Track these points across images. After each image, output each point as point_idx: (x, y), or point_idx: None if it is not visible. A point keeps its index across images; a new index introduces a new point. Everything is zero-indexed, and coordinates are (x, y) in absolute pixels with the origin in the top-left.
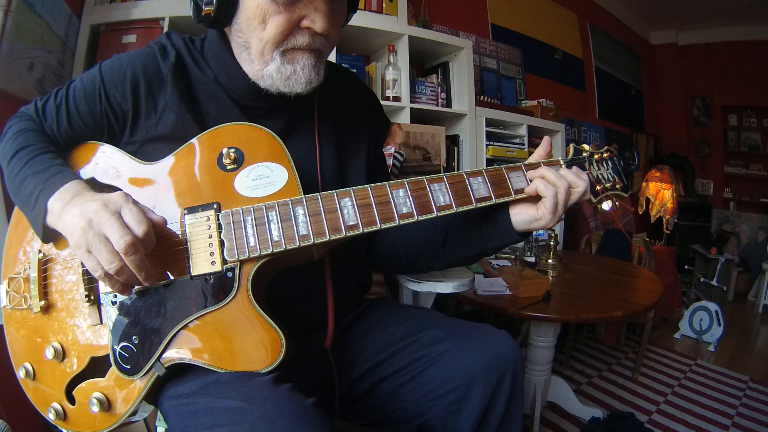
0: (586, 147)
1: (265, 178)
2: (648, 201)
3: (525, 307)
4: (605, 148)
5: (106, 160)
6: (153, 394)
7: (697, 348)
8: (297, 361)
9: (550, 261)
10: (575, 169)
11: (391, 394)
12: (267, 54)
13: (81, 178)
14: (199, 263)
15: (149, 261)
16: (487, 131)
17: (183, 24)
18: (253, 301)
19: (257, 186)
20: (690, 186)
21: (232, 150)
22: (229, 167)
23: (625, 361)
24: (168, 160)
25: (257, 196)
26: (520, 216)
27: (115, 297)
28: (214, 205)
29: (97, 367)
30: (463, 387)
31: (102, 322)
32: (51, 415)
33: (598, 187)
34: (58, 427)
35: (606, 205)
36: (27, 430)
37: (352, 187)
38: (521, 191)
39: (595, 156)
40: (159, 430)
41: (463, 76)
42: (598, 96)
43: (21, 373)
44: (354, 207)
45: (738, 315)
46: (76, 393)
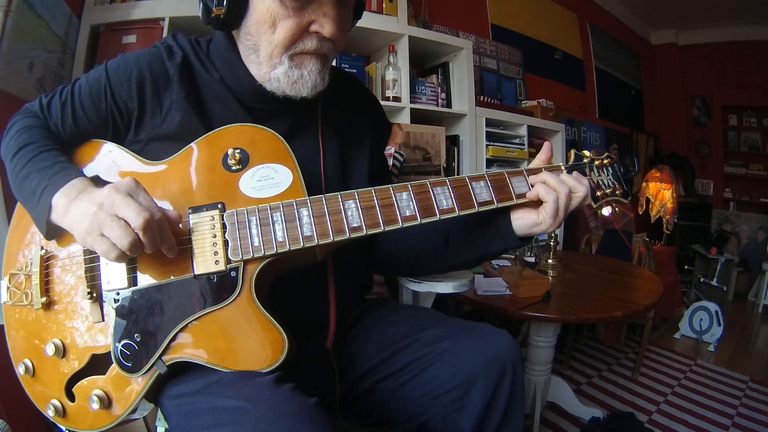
0: (587, 153)
1: (270, 179)
2: (648, 201)
3: (525, 307)
4: (605, 154)
5: (110, 159)
6: (154, 392)
7: (697, 348)
8: (298, 362)
9: (550, 261)
10: (576, 174)
11: (392, 393)
12: (275, 57)
13: (85, 176)
14: (203, 262)
15: (151, 260)
16: (487, 131)
17: (183, 24)
18: (256, 301)
19: (262, 187)
20: (690, 186)
21: (237, 151)
22: (234, 168)
23: (625, 361)
24: (173, 159)
25: (262, 196)
26: (521, 221)
27: (117, 294)
28: (219, 205)
29: (97, 364)
30: (464, 385)
31: (104, 320)
32: (50, 412)
33: (599, 193)
34: (57, 424)
35: (606, 210)
36: (27, 430)
37: (356, 190)
38: (523, 195)
39: (596, 162)
40: (159, 430)
41: (463, 77)
42: (598, 96)
43: (20, 369)
44: (358, 209)
45: (738, 315)
46: (76, 390)
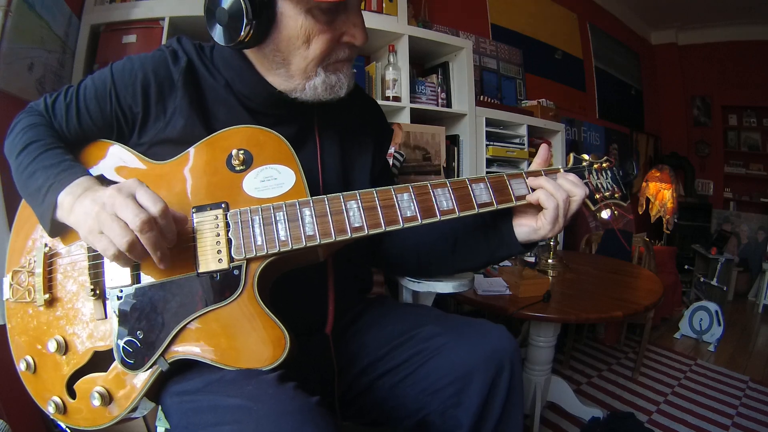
0: (586, 157)
1: (273, 179)
2: (648, 201)
3: (525, 307)
4: (605, 158)
5: (116, 158)
6: (155, 390)
7: (697, 348)
8: (298, 361)
9: (550, 261)
10: (572, 176)
11: (390, 390)
12: (311, 71)
13: (91, 175)
14: (207, 261)
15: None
16: (487, 131)
17: (183, 24)
18: (258, 300)
19: (265, 187)
20: (690, 186)
21: (241, 151)
22: (237, 168)
23: (625, 361)
24: (177, 159)
25: (265, 197)
26: (522, 228)
27: (121, 292)
28: (223, 205)
29: (99, 361)
30: (462, 380)
31: (106, 317)
32: (51, 409)
33: (597, 196)
34: (57, 421)
35: (605, 213)
36: (27, 429)
37: (358, 191)
38: (522, 198)
39: (595, 165)
40: (159, 429)
41: (463, 76)
42: (598, 96)
43: (22, 366)
44: (360, 209)
45: (738, 315)
46: (77, 387)
